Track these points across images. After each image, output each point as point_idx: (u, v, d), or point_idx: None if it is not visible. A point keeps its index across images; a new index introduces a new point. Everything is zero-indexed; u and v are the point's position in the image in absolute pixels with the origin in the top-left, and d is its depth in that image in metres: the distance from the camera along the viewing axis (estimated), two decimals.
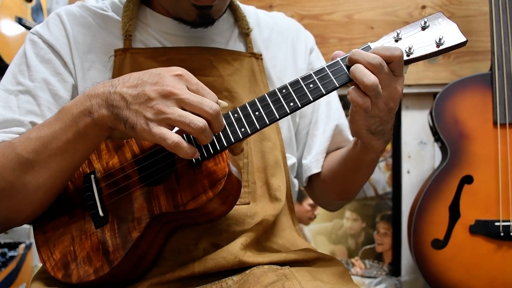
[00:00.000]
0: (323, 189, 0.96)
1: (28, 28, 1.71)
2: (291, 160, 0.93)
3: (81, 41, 0.85)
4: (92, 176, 0.75)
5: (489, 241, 1.29)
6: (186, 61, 0.84)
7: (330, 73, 0.68)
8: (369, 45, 0.70)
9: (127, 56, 0.83)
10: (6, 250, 1.61)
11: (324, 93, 0.67)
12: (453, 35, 0.67)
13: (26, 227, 1.75)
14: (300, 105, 0.67)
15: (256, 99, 0.69)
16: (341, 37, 1.74)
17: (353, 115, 0.72)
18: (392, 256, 1.70)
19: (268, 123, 0.67)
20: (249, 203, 0.81)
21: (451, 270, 1.30)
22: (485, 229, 1.29)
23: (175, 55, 0.85)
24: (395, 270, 1.68)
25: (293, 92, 0.68)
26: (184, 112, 0.60)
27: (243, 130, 0.68)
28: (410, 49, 0.68)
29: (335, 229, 1.76)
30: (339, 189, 0.94)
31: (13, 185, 0.69)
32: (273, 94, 0.69)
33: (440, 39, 0.67)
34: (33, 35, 0.85)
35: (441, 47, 0.67)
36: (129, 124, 0.62)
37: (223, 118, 0.65)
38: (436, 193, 1.34)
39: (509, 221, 1.28)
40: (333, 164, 0.92)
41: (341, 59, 0.69)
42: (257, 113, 0.68)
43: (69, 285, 0.70)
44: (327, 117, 0.98)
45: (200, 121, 0.60)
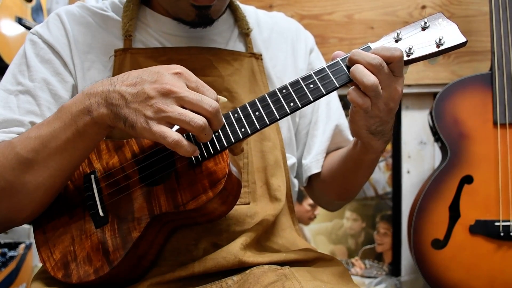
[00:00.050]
0: (323, 189, 0.96)
1: (28, 28, 1.71)
2: (291, 160, 0.93)
3: (81, 41, 0.85)
4: (92, 176, 0.75)
5: (489, 241, 1.29)
6: (186, 61, 0.84)
7: (330, 73, 0.68)
8: (369, 46, 0.70)
9: (127, 56, 0.83)
10: (6, 250, 1.61)
11: (324, 93, 0.67)
12: (453, 36, 0.67)
13: (26, 227, 1.75)
14: (300, 105, 0.67)
15: (256, 99, 0.69)
16: (341, 37, 1.74)
17: (353, 115, 0.72)
18: (392, 256, 1.70)
19: (268, 123, 0.67)
20: (249, 203, 0.81)
21: (451, 270, 1.30)
22: (485, 229, 1.29)
23: (175, 55, 0.85)
24: (395, 270, 1.68)
25: (293, 92, 0.68)
26: (183, 110, 0.60)
27: (243, 130, 0.68)
28: (410, 49, 0.68)
29: (335, 229, 1.76)
30: (339, 189, 0.94)
31: (13, 184, 0.69)
32: (273, 94, 0.69)
33: (440, 40, 0.67)
34: (33, 35, 0.85)
35: (441, 48, 0.67)
36: (128, 122, 0.62)
37: (222, 116, 0.65)
38: (436, 193, 1.34)
39: (509, 221, 1.28)
40: (333, 164, 0.92)
41: (341, 60, 0.69)
42: (257, 113, 0.68)
43: (69, 285, 0.70)
44: (327, 117, 0.98)
45: (199, 119, 0.60)
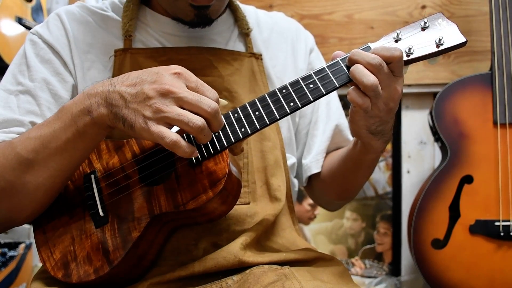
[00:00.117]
0: (323, 189, 0.96)
1: (28, 28, 1.71)
2: (291, 160, 0.93)
3: (81, 41, 0.85)
4: (92, 176, 0.75)
5: (489, 241, 1.29)
6: (186, 61, 0.84)
7: (330, 73, 0.68)
8: (369, 46, 0.70)
9: (127, 56, 0.83)
10: (6, 250, 1.61)
11: (324, 93, 0.67)
12: (453, 36, 0.67)
13: (26, 227, 1.75)
14: (300, 105, 0.67)
15: (256, 99, 0.69)
16: (341, 37, 1.74)
17: (353, 115, 0.72)
18: (392, 256, 1.70)
19: (268, 123, 0.67)
20: (249, 203, 0.81)
21: (451, 270, 1.30)
22: (485, 229, 1.29)
23: (175, 55, 0.85)
24: (395, 270, 1.68)
25: (293, 92, 0.68)
26: (182, 111, 0.60)
27: (243, 130, 0.68)
28: (410, 49, 0.68)
29: (335, 229, 1.76)
30: (339, 189, 0.94)
31: (13, 184, 0.69)
32: (273, 94, 0.69)
33: (440, 40, 0.67)
34: (33, 35, 0.85)
35: (441, 48, 0.67)
36: (128, 122, 0.62)
37: (222, 117, 0.65)
38: (436, 193, 1.34)
39: (509, 221, 1.28)
40: (333, 164, 0.92)
41: (341, 59, 0.69)
42: (257, 113, 0.68)
43: (69, 285, 0.70)
44: (327, 117, 0.98)
45: (198, 120, 0.60)
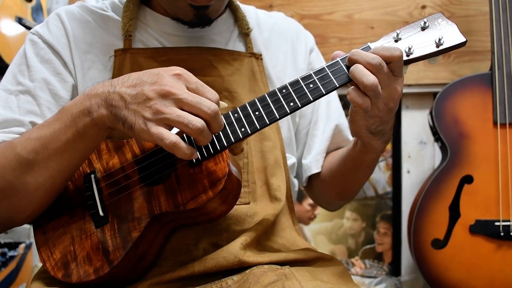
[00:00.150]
0: (323, 189, 0.96)
1: (28, 28, 1.71)
2: (291, 160, 0.93)
3: (81, 41, 0.85)
4: (92, 176, 0.75)
5: (489, 241, 1.29)
6: (186, 61, 0.84)
7: (330, 73, 0.68)
8: (368, 45, 0.70)
9: (127, 56, 0.83)
10: (6, 250, 1.61)
11: (324, 93, 0.67)
12: (452, 36, 0.67)
13: (26, 227, 1.75)
14: (300, 105, 0.67)
15: (256, 99, 0.69)
16: (341, 37, 1.74)
17: (353, 115, 0.72)
18: (392, 256, 1.70)
19: (268, 123, 0.67)
20: (249, 203, 0.81)
21: (451, 270, 1.30)
22: (485, 229, 1.29)
23: (175, 55, 0.85)
24: (395, 270, 1.68)
25: (293, 92, 0.68)
26: (182, 112, 0.60)
27: (243, 130, 0.68)
28: (409, 49, 0.68)
29: (335, 229, 1.76)
30: (339, 189, 0.94)
31: (13, 185, 0.69)
32: (273, 94, 0.69)
33: (439, 40, 0.67)
34: (33, 35, 0.85)
35: (441, 48, 0.67)
36: (127, 124, 0.62)
37: (222, 118, 0.64)
38: (436, 193, 1.34)
39: (509, 221, 1.28)
40: (333, 164, 0.92)
41: (341, 59, 0.69)
42: (257, 113, 0.68)
43: (69, 285, 0.70)
44: (327, 117, 0.98)
45: (198, 122, 0.60)
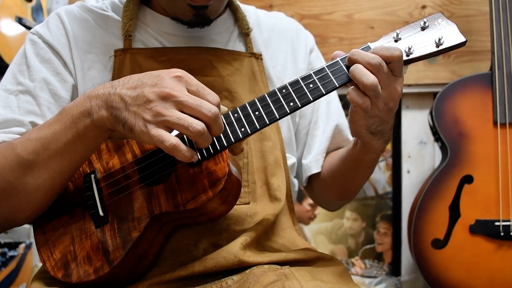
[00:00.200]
0: (323, 189, 0.96)
1: (28, 28, 1.71)
2: (291, 160, 0.93)
3: (81, 41, 0.85)
4: (92, 175, 0.75)
5: (489, 241, 1.29)
6: (186, 61, 0.84)
7: (330, 73, 0.68)
8: (368, 45, 0.70)
9: (127, 56, 0.83)
10: (6, 250, 1.61)
11: (324, 93, 0.67)
12: (452, 35, 0.67)
13: (26, 226, 1.75)
14: (300, 105, 0.67)
15: (256, 99, 0.69)
16: (341, 37, 1.74)
17: (352, 115, 0.72)
18: (392, 255, 1.70)
19: (268, 123, 0.67)
20: (249, 203, 0.81)
21: (451, 270, 1.30)
22: (485, 229, 1.29)
23: (175, 55, 0.85)
24: (395, 269, 1.68)
25: (293, 92, 0.68)
26: (182, 115, 0.60)
27: (243, 130, 0.68)
28: (409, 49, 0.68)
29: (335, 229, 1.76)
30: (339, 189, 0.94)
31: (13, 185, 0.69)
32: (273, 94, 0.69)
33: (439, 39, 0.67)
34: (33, 35, 0.85)
35: (441, 47, 0.67)
36: (127, 125, 0.62)
37: (222, 121, 0.64)
38: (436, 193, 1.34)
39: (509, 220, 1.28)
40: (333, 164, 0.92)
41: (340, 59, 0.69)
42: (257, 113, 0.68)
43: (69, 285, 0.70)
44: (327, 117, 0.98)
45: (198, 125, 0.60)
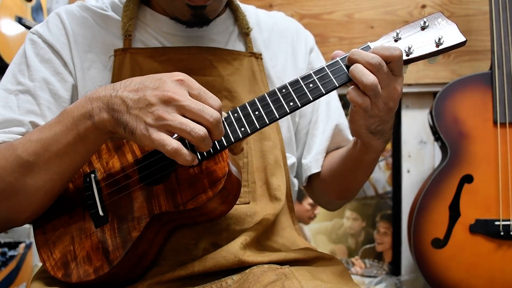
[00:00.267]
0: (323, 188, 0.96)
1: (28, 27, 1.71)
2: (291, 159, 0.93)
3: (81, 41, 0.85)
4: (92, 175, 0.75)
5: (489, 241, 1.29)
6: (185, 61, 0.84)
7: (329, 73, 0.68)
8: (368, 45, 0.70)
9: (127, 56, 0.83)
10: (6, 249, 1.62)
11: (323, 92, 0.67)
12: (452, 35, 0.67)
13: (26, 226, 1.75)
14: (300, 105, 0.67)
15: (255, 99, 0.69)
16: (341, 36, 1.74)
17: (352, 115, 0.72)
18: (392, 255, 1.70)
19: (268, 122, 0.67)
20: (249, 203, 0.81)
21: (451, 269, 1.30)
22: (485, 229, 1.29)
23: (175, 55, 0.85)
24: (395, 269, 1.68)
25: (293, 91, 0.68)
26: (184, 119, 0.60)
27: (243, 129, 0.68)
28: (409, 49, 0.68)
29: (335, 228, 1.76)
30: (338, 188, 0.94)
31: (13, 186, 0.69)
32: (273, 93, 0.69)
33: (439, 39, 0.67)
34: (33, 34, 0.85)
35: (441, 47, 0.67)
36: (128, 128, 0.61)
37: (223, 126, 0.64)
38: (436, 192, 1.34)
39: (509, 220, 1.28)
40: (333, 163, 0.92)
41: (340, 59, 0.69)
42: (257, 113, 0.68)
43: (69, 285, 0.70)
44: (327, 116, 0.98)
45: (200, 130, 0.60)
